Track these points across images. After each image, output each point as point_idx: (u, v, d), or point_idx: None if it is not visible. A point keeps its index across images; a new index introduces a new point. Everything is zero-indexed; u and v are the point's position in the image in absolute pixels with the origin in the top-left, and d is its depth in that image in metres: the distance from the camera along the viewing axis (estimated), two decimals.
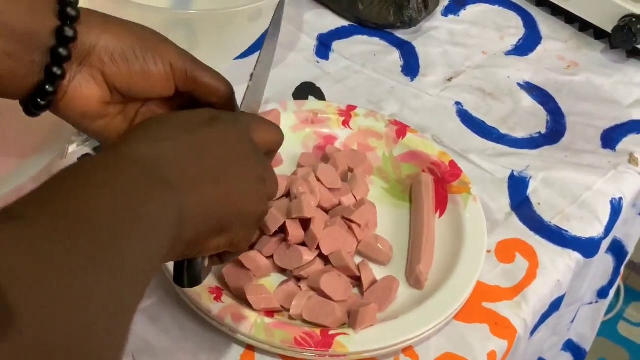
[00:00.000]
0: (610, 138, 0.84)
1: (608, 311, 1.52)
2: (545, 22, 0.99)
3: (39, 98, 0.49)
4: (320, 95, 0.84)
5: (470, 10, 0.99)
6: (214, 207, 0.44)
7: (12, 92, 0.49)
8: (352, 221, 0.66)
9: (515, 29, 0.98)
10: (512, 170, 0.78)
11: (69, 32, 0.48)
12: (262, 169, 0.49)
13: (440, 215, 0.70)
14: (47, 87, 0.48)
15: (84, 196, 0.36)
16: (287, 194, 0.68)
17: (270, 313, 0.61)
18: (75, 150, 0.74)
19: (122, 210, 0.37)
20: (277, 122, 0.57)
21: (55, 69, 0.48)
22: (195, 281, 0.49)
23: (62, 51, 0.47)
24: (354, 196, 0.69)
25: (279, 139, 0.53)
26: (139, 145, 0.43)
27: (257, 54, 0.87)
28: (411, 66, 0.90)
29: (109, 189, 0.38)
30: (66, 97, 0.50)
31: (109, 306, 0.33)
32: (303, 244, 0.64)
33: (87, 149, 0.75)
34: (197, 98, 0.54)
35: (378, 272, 0.65)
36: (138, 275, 0.37)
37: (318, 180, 0.68)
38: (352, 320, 0.60)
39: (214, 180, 0.45)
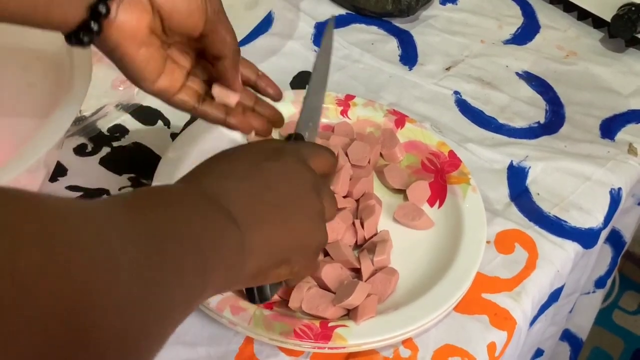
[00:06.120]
0: (609, 128, 0.84)
1: (603, 300, 1.53)
2: (543, 11, 0.99)
3: (93, 20, 0.49)
4: None
5: None
6: (276, 243, 0.47)
7: (68, 16, 0.49)
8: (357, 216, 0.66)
9: (513, 18, 0.97)
10: (511, 160, 0.78)
11: None
12: (321, 202, 0.50)
13: (440, 206, 0.70)
14: (100, 7, 0.49)
15: (159, 221, 0.38)
16: None
17: (269, 305, 0.61)
18: (71, 140, 0.74)
19: (187, 242, 0.39)
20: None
21: None
22: (265, 298, 0.53)
23: None
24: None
25: (334, 163, 0.56)
26: (210, 180, 0.46)
27: (252, 44, 0.87)
28: (409, 55, 0.89)
29: (179, 220, 0.40)
30: (118, 19, 0.50)
31: (161, 313, 0.36)
32: None
33: (82, 139, 0.74)
34: (209, 48, 0.55)
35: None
36: (188, 302, 0.39)
37: (346, 155, 0.70)
38: (352, 312, 0.60)
39: (278, 216, 0.47)
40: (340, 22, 0.93)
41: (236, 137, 0.73)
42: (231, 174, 0.47)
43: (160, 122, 0.77)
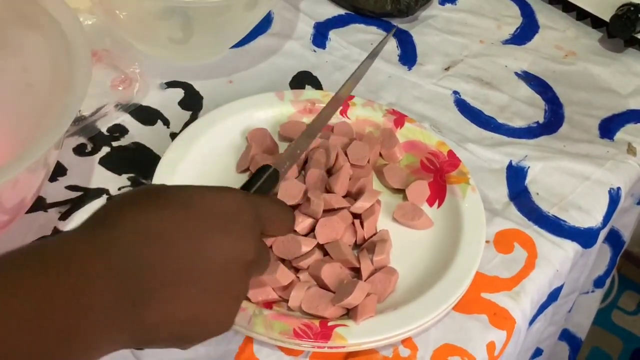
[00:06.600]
0: (608, 128, 0.84)
1: (602, 300, 1.53)
2: (542, 11, 0.99)
3: None
4: (317, 85, 0.84)
5: None
6: (176, 325, 0.43)
7: None
8: (357, 216, 0.66)
9: (512, 18, 0.97)
10: (510, 160, 0.78)
11: None
12: (247, 285, 0.46)
13: (439, 206, 0.70)
14: None
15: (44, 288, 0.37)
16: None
17: (268, 304, 0.61)
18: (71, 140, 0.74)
19: (71, 316, 0.37)
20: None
21: None
22: None
23: None
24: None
25: (291, 229, 0.54)
26: (128, 242, 0.41)
27: (251, 44, 0.87)
28: (408, 55, 0.89)
29: (70, 288, 0.38)
30: None
31: None
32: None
33: (82, 139, 0.74)
34: None
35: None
36: None
37: (345, 155, 0.70)
38: (351, 311, 0.60)
39: (190, 301, 0.42)
40: (340, 22, 0.93)
41: (235, 139, 0.73)
42: (160, 239, 0.41)
43: (159, 122, 0.77)
